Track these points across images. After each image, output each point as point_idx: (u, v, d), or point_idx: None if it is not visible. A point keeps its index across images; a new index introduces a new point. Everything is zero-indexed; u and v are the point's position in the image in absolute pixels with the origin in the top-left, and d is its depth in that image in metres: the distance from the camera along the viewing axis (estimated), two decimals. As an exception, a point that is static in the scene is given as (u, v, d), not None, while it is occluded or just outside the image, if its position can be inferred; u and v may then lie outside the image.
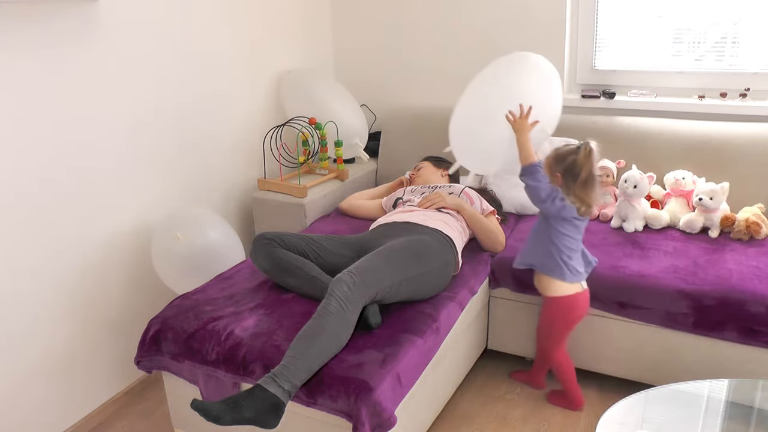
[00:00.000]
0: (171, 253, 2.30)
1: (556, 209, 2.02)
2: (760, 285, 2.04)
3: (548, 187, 2.02)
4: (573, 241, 2.07)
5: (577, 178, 1.98)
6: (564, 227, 2.05)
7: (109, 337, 2.38)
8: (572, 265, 2.08)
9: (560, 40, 2.93)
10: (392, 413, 1.68)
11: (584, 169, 1.98)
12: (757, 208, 2.41)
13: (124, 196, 2.36)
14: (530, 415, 2.27)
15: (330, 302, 1.78)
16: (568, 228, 2.06)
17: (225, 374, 1.87)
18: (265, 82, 3.01)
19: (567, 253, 2.07)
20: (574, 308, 2.14)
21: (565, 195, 2.00)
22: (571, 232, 2.06)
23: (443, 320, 2.01)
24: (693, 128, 2.63)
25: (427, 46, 3.22)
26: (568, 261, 2.07)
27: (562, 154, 2.01)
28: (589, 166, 1.98)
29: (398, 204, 2.60)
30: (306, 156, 2.89)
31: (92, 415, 2.34)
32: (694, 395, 1.85)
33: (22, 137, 1.99)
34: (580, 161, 1.97)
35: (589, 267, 2.15)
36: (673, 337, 2.16)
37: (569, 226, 2.05)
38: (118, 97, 2.28)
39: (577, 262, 2.10)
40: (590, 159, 1.98)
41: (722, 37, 2.73)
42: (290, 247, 2.12)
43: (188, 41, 2.55)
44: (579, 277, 2.11)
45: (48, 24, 2.01)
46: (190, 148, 2.63)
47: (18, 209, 2.01)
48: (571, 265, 2.08)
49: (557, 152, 2.03)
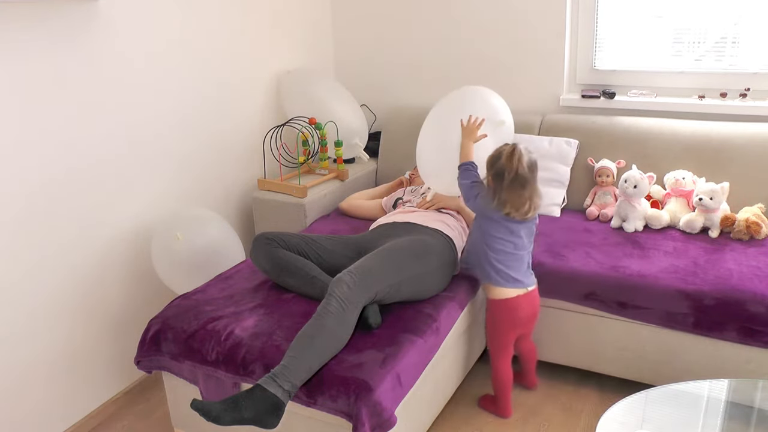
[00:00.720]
0: (171, 253, 2.30)
1: (478, 207, 2.07)
2: (760, 285, 2.04)
3: (472, 186, 2.08)
4: (507, 244, 2.04)
5: (503, 180, 1.98)
6: (494, 229, 2.04)
7: (109, 337, 2.38)
8: (505, 272, 2.06)
9: (560, 40, 2.93)
10: (392, 413, 1.68)
11: (507, 170, 1.97)
12: (757, 208, 2.41)
13: (124, 196, 2.36)
14: (530, 415, 2.27)
15: (330, 302, 1.78)
16: (500, 230, 2.04)
17: (225, 374, 1.87)
18: (265, 82, 3.01)
19: (498, 258, 2.05)
20: (515, 310, 2.10)
21: (493, 196, 2.01)
22: (503, 235, 2.04)
23: (443, 320, 2.01)
24: (693, 128, 2.63)
25: (427, 46, 3.22)
26: (499, 266, 2.05)
27: (493, 157, 2.04)
28: (512, 167, 1.96)
29: (398, 204, 2.60)
30: (306, 156, 2.89)
31: (92, 415, 2.34)
32: (694, 395, 1.85)
33: (22, 137, 1.99)
34: (503, 163, 1.98)
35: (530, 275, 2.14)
36: (673, 337, 2.16)
37: (500, 228, 2.04)
38: (117, 97, 2.28)
39: (514, 269, 2.07)
40: (512, 160, 1.97)
41: (722, 37, 2.73)
42: (290, 247, 2.12)
43: (188, 41, 2.55)
44: (514, 284, 2.08)
45: (48, 23, 2.01)
46: (191, 148, 2.63)
47: (18, 209, 2.01)
48: (503, 271, 2.05)
49: (491, 154, 2.05)
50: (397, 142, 3.14)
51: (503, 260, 2.06)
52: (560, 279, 2.25)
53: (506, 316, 2.12)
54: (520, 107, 3.06)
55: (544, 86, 3.01)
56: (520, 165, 1.97)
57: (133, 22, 2.29)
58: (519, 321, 2.13)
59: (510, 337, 2.16)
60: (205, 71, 2.65)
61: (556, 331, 2.35)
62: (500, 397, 2.23)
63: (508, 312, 2.11)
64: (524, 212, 2.00)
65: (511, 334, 2.15)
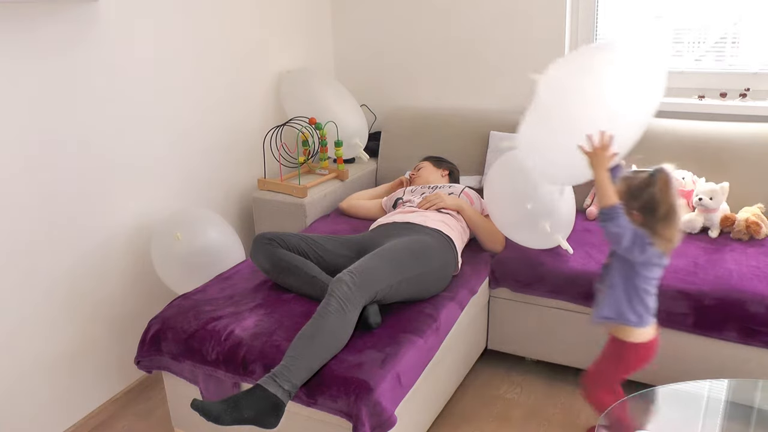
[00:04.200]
0: (171, 253, 2.30)
1: (645, 256, 1.70)
2: (760, 285, 2.04)
3: (632, 232, 1.68)
4: (656, 282, 1.79)
5: (657, 214, 1.68)
6: (651, 271, 1.75)
7: (109, 337, 2.38)
8: (653, 307, 1.79)
9: (560, 40, 2.93)
10: (392, 413, 1.68)
11: (663, 203, 1.67)
12: (757, 208, 2.41)
13: (124, 196, 2.36)
14: (530, 415, 2.27)
15: (330, 302, 1.78)
16: (655, 271, 1.75)
17: (225, 374, 1.87)
18: (265, 82, 3.01)
19: (649, 298, 1.78)
20: (652, 352, 1.84)
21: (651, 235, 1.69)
22: (656, 274, 1.76)
23: (443, 320, 2.01)
24: (693, 128, 2.63)
25: (427, 46, 3.22)
26: (650, 304, 1.78)
27: (636, 188, 1.70)
28: (668, 199, 1.67)
29: (398, 204, 2.60)
30: (306, 156, 2.89)
31: (92, 415, 2.34)
32: (694, 395, 1.85)
33: (22, 137, 1.99)
34: (657, 196, 1.67)
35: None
36: (673, 337, 2.15)
37: (656, 268, 1.75)
38: (117, 98, 2.28)
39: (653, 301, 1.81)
40: (669, 190, 1.68)
41: (722, 37, 2.73)
42: (290, 247, 2.12)
43: (188, 41, 2.55)
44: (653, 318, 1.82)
45: (48, 24, 2.01)
46: (190, 148, 2.63)
47: (17, 209, 2.01)
48: (652, 308, 1.79)
49: (629, 185, 1.72)
50: (397, 142, 3.14)
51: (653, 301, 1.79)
52: (560, 279, 2.25)
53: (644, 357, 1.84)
54: (520, 107, 3.05)
55: (544, 86, 3.01)
56: (675, 195, 1.69)
57: (132, 23, 2.29)
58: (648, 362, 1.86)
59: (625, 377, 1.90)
60: (205, 71, 2.65)
61: (556, 331, 2.35)
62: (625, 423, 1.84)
63: (647, 352, 1.83)
64: (674, 246, 1.73)
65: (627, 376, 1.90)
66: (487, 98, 3.14)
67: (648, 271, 1.74)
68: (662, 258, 1.73)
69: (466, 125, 3.00)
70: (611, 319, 1.79)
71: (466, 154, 2.96)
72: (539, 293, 2.30)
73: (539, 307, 2.34)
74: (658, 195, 1.67)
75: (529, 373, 2.48)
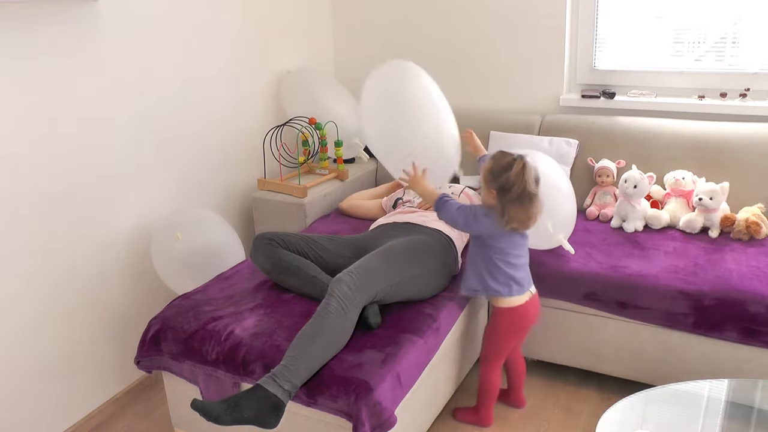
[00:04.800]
0: (171, 253, 2.30)
1: (483, 227, 1.93)
2: (760, 285, 2.04)
3: (463, 212, 1.93)
4: (519, 257, 1.99)
5: (510, 195, 1.86)
6: (504, 243, 1.95)
7: (109, 337, 2.38)
8: (519, 277, 1.99)
9: (560, 40, 2.93)
10: (392, 413, 1.68)
11: (516, 186, 1.85)
12: (757, 208, 2.41)
13: (124, 196, 2.36)
14: (530, 415, 2.27)
15: (330, 302, 1.78)
16: (510, 243, 1.96)
17: (225, 374, 1.87)
18: (265, 82, 3.01)
19: (509, 270, 1.98)
20: (525, 316, 2.05)
21: (501, 212, 1.88)
22: (514, 248, 1.97)
23: (443, 320, 2.01)
24: (693, 128, 2.63)
25: (426, 46, 3.22)
26: (514, 275, 1.98)
27: (497, 170, 1.88)
28: (521, 183, 1.85)
29: (398, 204, 2.60)
30: (306, 156, 2.89)
31: (92, 415, 2.34)
32: (694, 395, 1.85)
33: (22, 137, 1.99)
34: (512, 179, 1.85)
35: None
36: (673, 337, 2.16)
37: (508, 239, 1.95)
38: (117, 97, 2.28)
39: (523, 273, 2.02)
40: (523, 176, 1.85)
41: (722, 37, 2.73)
42: (290, 247, 2.12)
43: (188, 41, 2.55)
44: (525, 289, 2.03)
45: (48, 24, 2.01)
46: (190, 148, 2.63)
47: (17, 209, 2.01)
48: (517, 278, 1.99)
49: (492, 166, 1.90)
50: (397, 142, 3.14)
51: (517, 269, 1.99)
52: (560, 279, 2.25)
53: (516, 323, 2.06)
54: (520, 107, 3.06)
55: (544, 86, 3.02)
56: (529, 180, 1.86)
57: (133, 23, 2.29)
58: (526, 326, 2.09)
59: (510, 344, 2.11)
60: (205, 71, 2.65)
61: (556, 331, 2.35)
62: (483, 406, 2.18)
63: (519, 318, 2.05)
64: (528, 227, 1.93)
65: (512, 342, 2.11)
66: (487, 98, 3.14)
67: (499, 243, 1.95)
68: (511, 234, 1.94)
69: (466, 125, 2.99)
70: (478, 291, 2.03)
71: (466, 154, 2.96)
72: (539, 293, 2.29)
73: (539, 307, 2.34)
74: (512, 179, 1.85)
75: (529, 373, 2.48)
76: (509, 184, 1.85)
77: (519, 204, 1.87)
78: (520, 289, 2.01)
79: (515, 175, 1.85)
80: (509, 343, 2.11)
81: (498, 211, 1.89)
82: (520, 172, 1.85)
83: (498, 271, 1.98)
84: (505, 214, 1.87)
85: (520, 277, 2.01)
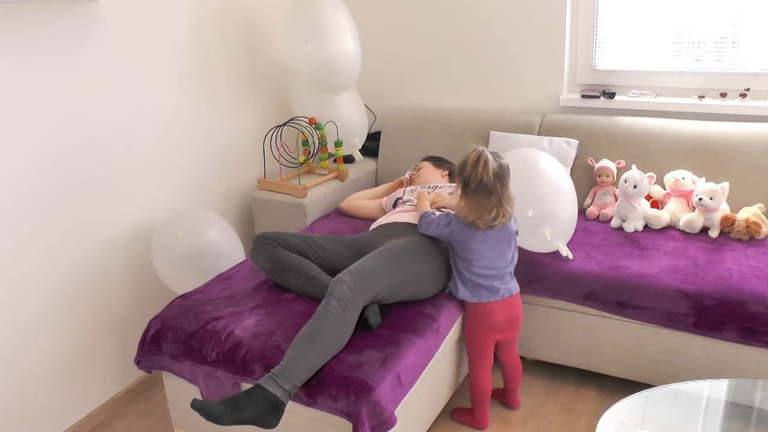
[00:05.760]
0: (171, 253, 2.30)
1: (447, 234, 2.03)
2: (760, 285, 2.04)
3: (436, 224, 2.05)
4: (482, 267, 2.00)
5: (469, 188, 1.92)
6: (464, 250, 2.00)
7: (109, 337, 2.38)
8: (488, 285, 2.01)
9: (560, 40, 2.93)
10: (392, 413, 1.68)
11: (473, 179, 1.90)
12: (757, 208, 2.41)
13: (124, 196, 2.36)
14: (530, 415, 2.27)
15: (330, 302, 1.78)
16: (468, 248, 1.99)
17: (225, 374, 1.87)
18: (265, 82, 3.01)
19: (474, 279, 2.01)
20: (489, 314, 2.04)
21: (463, 206, 1.95)
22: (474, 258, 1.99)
23: (443, 320, 2.01)
24: (693, 128, 2.63)
25: (427, 46, 3.22)
26: (482, 283, 2.01)
27: (460, 166, 1.95)
28: (477, 174, 1.89)
29: (398, 204, 2.60)
30: (306, 156, 2.89)
31: (92, 415, 2.34)
32: (694, 395, 1.85)
33: (22, 137, 1.99)
34: (468, 171, 1.91)
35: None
36: (673, 337, 2.16)
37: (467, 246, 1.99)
38: (118, 97, 2.28)
39: (494, 282, 2.01)
40: (477, 167, 1.89)
41: (722, 37, 2.73)
42: (290, 247, 2.12)
43: (188, 40, 2.55)
44: (500, 296, 2.03)
45: (48, 24, 2.01)
46: (190, 148, 2.63)
47: (18, 209, 2.01)
48: (486, 285, 2.01)
49: (460, 161, 1.96)
50: (397, 142, 3.15)
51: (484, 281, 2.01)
52: (560, 279, 2.25)
53: (481, 320, 2.06)
54: (520, 107, 3.06)
55: (544, 86, 3.02)
56: (485, 172, 1.89)
57: (133, 23, 2.30)
58: (495, 326, 2.06)
59: (486, 342, 2.08)
60: (205, 71, 2.65)
61: (556, 331, 2.35)
62: (477, 408, 2.16)
63: (483, 316, 2.05)
64: (490, 220, 1.94)
65: (487, 339, 2.08)
66: (487, 98, 3.14)
67: (463, 251, 2.01)
68: (469, 236, 1.97)
69: (466, 125, 3.00)
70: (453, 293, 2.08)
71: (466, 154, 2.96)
72: (539, 293, 2.30)
73: (539, 307, 2.34)
74: (468, 171, 1.92)
75: (529, 373, 2.48)
76: (467, 175, 1.92)
77: (476, 196, 1.93)
78: (492, 297, 2.03)
79: (471, 165, 1.92)
80: (483, 341, 2.08)
81: (462, 206, 1.97)
82: (475, 162, 1.91)
83: (464, 278, 2.04)
84: (464, 207, 1.95)
85: (489, 285, 2.02)
